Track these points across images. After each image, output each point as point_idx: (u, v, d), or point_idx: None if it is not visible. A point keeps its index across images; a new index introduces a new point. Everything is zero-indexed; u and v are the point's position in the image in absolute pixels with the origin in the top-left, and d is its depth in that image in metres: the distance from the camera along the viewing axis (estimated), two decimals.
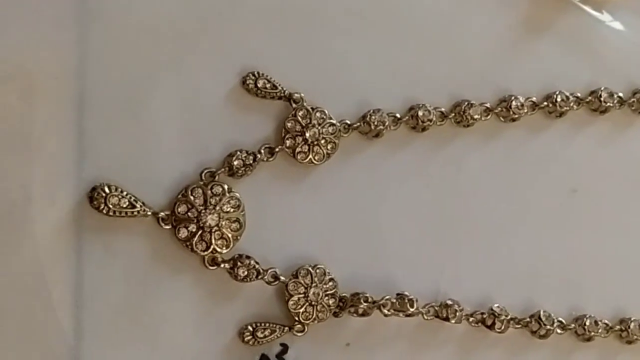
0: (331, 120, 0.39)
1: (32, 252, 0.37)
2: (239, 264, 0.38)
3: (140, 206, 0.37)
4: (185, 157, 0.38)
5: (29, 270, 0.37)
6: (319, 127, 0.39)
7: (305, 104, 0.39)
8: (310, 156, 0.39)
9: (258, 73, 0.39)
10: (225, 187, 0.38)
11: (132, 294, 0.37)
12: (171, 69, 0.38)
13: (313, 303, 0.38)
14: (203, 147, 0.38)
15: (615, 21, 0.43)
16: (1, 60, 0.37)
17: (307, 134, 0.39)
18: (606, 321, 0.42)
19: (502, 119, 0.41)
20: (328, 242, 0.39)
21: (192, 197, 0.37)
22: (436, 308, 0.39)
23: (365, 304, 0.39)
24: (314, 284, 0.38)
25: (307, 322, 0.38)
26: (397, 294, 0.39)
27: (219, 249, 0.37)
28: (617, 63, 0.43)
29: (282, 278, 0.38)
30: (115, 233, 0.37)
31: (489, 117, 0.41)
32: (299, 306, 0.38)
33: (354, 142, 0.40)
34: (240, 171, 0.38)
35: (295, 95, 0.39)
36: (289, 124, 0.39)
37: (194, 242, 0.37)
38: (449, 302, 0.40)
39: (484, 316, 0.40)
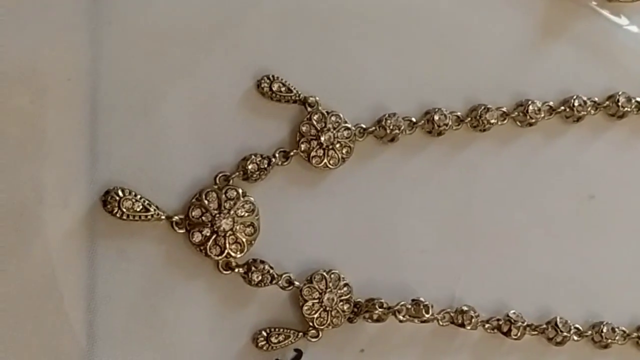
0: (346, 124, 0.39)
1: (44, 256, 0.36)
2: (253, 268, 0.37)
3: (154, 210, 0.36)
4: (199, 161, 0.38)
5: (42, 274, 0.36)
6: (334, 131, 0.39)
7: (320, 107, 0.39)
8: (325, 160, 0.39)
9: (273, 76, 0.38)
10: (240, 191, 0.37)
11: (145, 299, 0.37)
12: (185, 72, 0.38)
13: (327, 308, 0.38)
14: (217, 150, 0.38)
15: (633, 25, 0.43)
16: (14, 63, 0.37)
17: (322, 138, 0.38)
18: (623, 328, 0.41)
19: (518, 123, 0.41)
20: (343, 247, 0.39)
21: (206, 201, 0.37)
22: (452, 314, 0.39)
23: (380, 309, 0.38)
24: (328, 289, 0.38)
25: (322, 327, 0.38)
26: (413, 300, 0.39)
27: (233, 254, 0.37)
28: (635, 67, 0.42)
29: (296, 283, 0.38)
30: (129, 237, 0.37)
31: (505, 121, 0.41)
32: (314, 311, 0.38)
33: (369, 146, 0.40)
34: (254, 175, 0.38)
35: (311, 98, 0.39)
36: (303, 128, 0.38)
37: (208, 246, 0.37)
38: (465, 308, 0.39)
39: (500, 323, 0.40)
